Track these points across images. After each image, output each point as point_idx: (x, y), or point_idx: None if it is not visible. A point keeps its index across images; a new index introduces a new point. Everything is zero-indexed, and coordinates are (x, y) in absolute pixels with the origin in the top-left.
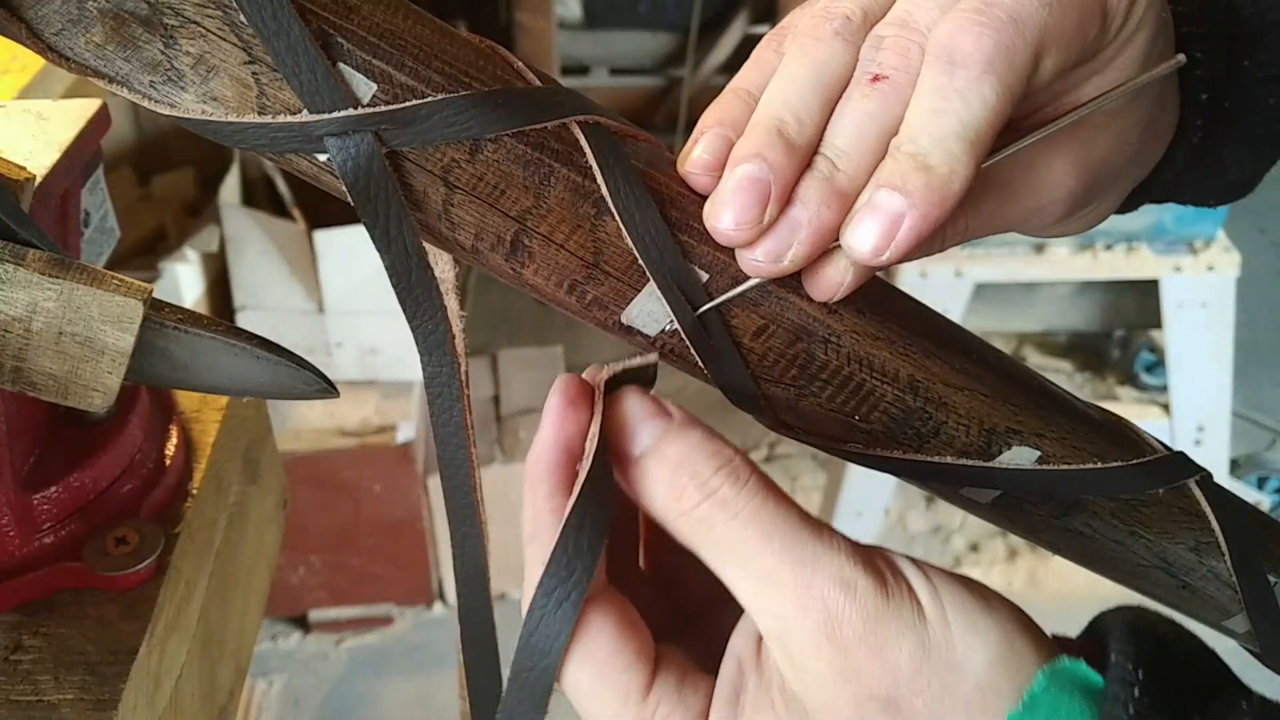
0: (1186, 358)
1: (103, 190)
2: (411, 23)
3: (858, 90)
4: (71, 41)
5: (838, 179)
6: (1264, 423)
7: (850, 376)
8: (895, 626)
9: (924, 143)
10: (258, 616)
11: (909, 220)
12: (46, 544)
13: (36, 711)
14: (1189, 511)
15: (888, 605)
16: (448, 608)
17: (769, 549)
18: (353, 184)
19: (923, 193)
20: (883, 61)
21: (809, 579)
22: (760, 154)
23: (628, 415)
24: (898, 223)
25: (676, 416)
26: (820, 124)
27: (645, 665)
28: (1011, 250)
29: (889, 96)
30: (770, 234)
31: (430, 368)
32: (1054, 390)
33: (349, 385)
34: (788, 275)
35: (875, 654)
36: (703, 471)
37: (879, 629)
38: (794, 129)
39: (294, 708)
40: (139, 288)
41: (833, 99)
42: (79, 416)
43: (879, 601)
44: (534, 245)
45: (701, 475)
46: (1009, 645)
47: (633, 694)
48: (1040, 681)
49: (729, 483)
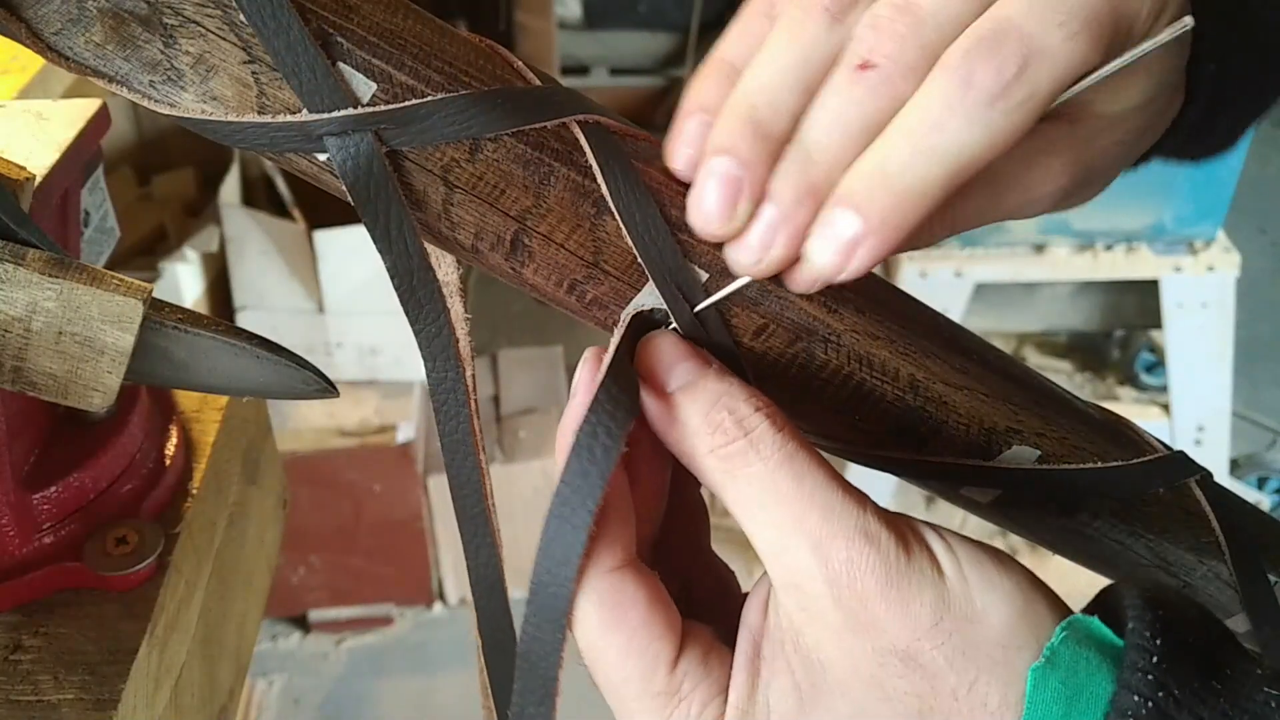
0: (1186, 358)
1: (103, 190)
2: (411, 22)
3: (842, 77)
4: (71, 41)
5: (811, 174)
6: (1264, 423)
7: (850, 376)
8: (916, 580)
9: (901, 158)
10: (258, 616)
11: (866, 245)
12: (46, 544)
13: (36, 711)
14: (1189, 511)
15: (909, 561)
16: (448, 608)
17: (798, 493)
18: (353, 184)
19: (882, 217)
20: (874, 47)
21: (834, 527)
22: (731, 148)
23: (666, 351)
24: (855, 245)
25: (714, 363)
26: (799, 110)
27: (674, 638)
28: (1012, 250)
29: (876, 89)
30: (748, 233)
31: (435, 373)
32: (1054, 390)
33: (349, 385)
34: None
35: (895, 607)
36: (741, 409)
37: (899, 582)
38: (769, 117)
39: (294, 708)
40: (139, 287)
41: (815, 83)
42: (79, 416)
43: (900, 556)
44: (534, 244)
45: (740, 412)
46: (1026, 603)
47: (661, 665)
48: (1059, 635)
49: (767, 424)
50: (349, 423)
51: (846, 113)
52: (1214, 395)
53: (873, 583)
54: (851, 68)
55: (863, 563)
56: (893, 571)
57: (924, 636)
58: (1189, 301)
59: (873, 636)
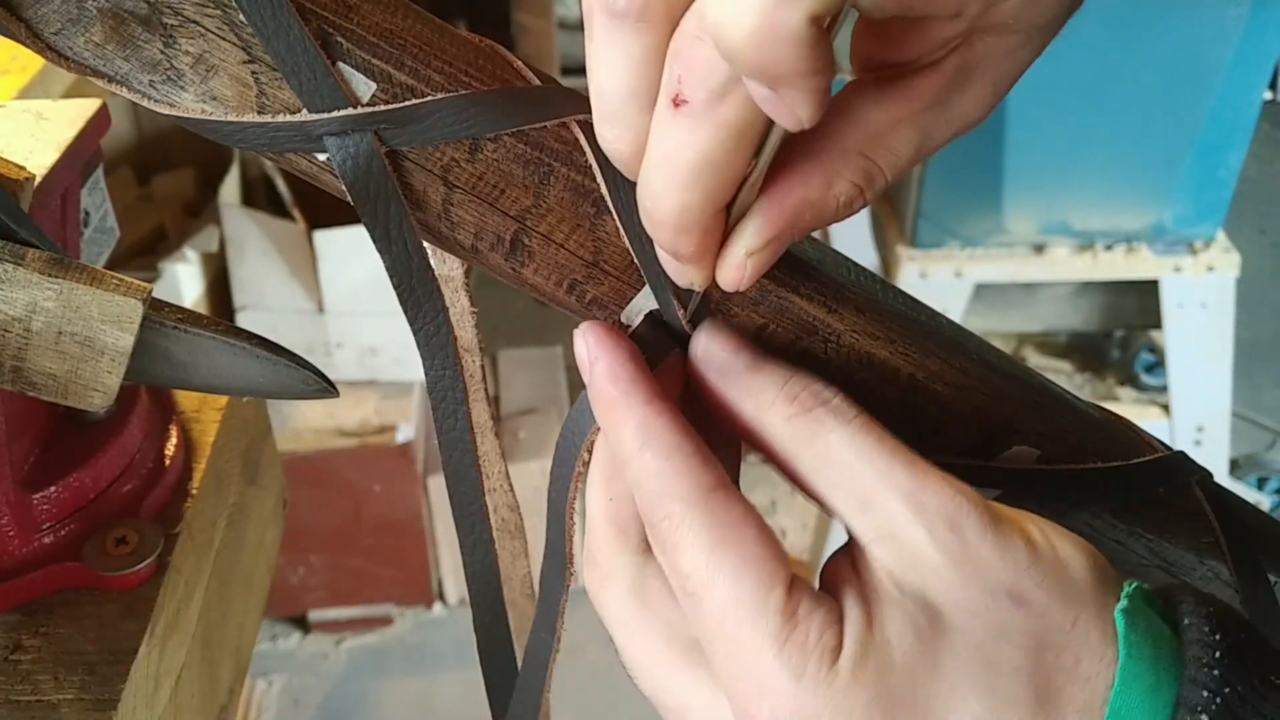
0: (1186, 358)
1: (103, 190)
2: (411, 22)
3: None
4: (71, 41)
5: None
6: (1264, 423)
7: (850, 376)
8: (1005, 526)
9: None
10: (258, 616)
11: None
12: (46, 544)
13: (36, 711)
14: (1189, 511)
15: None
16: (447, 608)
17: (881, 451)
18: (352, 183)
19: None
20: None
21: (921, 482)
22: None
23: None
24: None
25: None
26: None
27: (786, 562)
28: (1011, 250)
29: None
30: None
31: (433, 371)
32: (1054, 390)
33: (349, 385)
34: (785, 275)
35: (994, 547)
36: (816, 383)
37: (993, 525)
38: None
39: (294, 708)
40: (139, 287)
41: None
42: (79, 416)
43: (985, 504)
44: (534, 244)
45: (814, 387)
46: (1092, 555)
47: (779, 583)
48: (1129, 587)
49: (842, 398)
50: (349, 423)
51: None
52: (1214, 395)
53: (969, 525)
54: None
55: (955, 508)
56: (985, 516)
57: (1024, 575)
58: (1189, 302)
59: (980, 577)
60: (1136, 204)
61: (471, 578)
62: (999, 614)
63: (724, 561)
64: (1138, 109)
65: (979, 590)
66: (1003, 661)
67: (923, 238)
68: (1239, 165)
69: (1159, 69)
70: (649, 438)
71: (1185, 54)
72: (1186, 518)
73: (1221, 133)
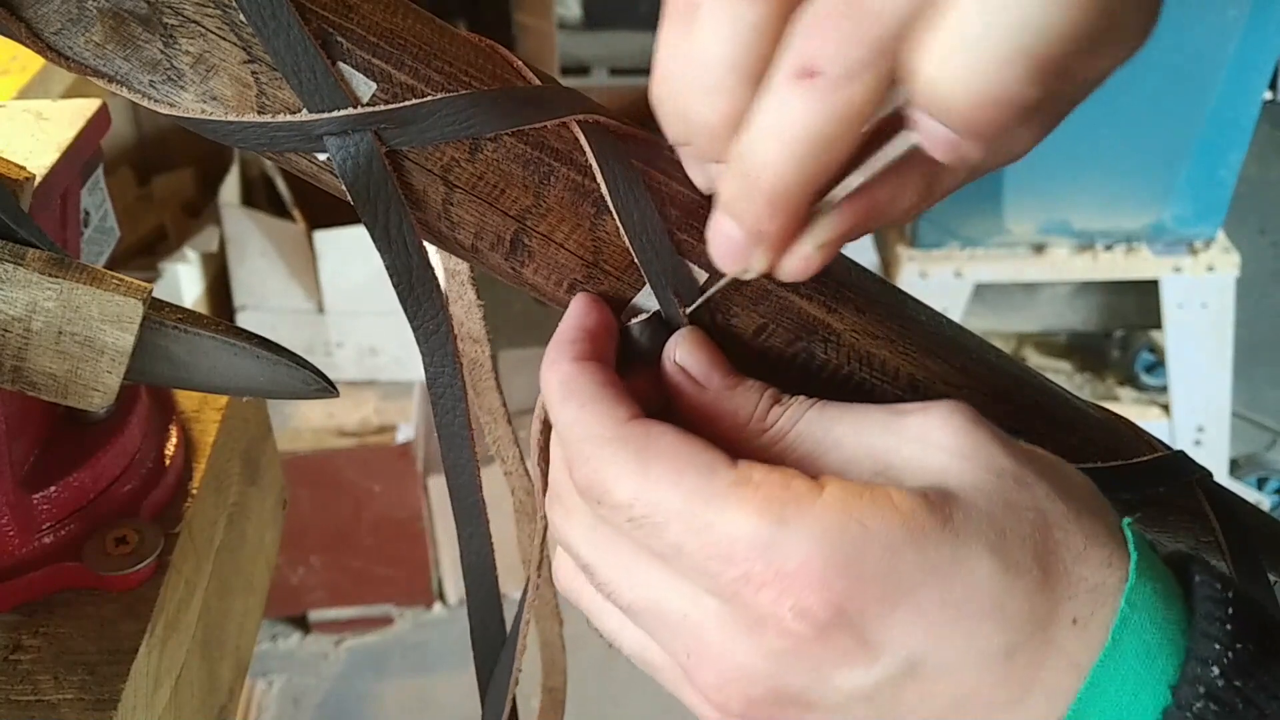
0: (1186, 358)
1: (103, 190)
2: (411, 22)
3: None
4: (71, 41)
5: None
6: (1264, 423)
7: (850, 376)
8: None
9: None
10: (258, 616)
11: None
12: (46, 544)
13: (36, 711)
14: (1189, 511)
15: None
16: (447, 608)
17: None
18: (352, 183)
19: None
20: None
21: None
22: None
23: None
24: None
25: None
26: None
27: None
28: (1011, 250)
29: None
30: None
31: (432, 368)
32: (1054, 389)
33: (349, 385)
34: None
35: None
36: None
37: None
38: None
39: (294, 708)
40: (139, 287)
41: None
42: (79, 416)
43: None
44: (534, 244)
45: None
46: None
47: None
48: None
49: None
50: (349, 423)
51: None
52: (1214, 395)
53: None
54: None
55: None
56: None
57: (1025, 465)
58: (1189, 302)
59: (982, 456)
60: (1136, 204)
61: (468, 569)
62: (1004, 491)
63: (659, 473)
64: (1138, 109)
65: (984, 467)
66: (1010, 530)
67: (923, 238)
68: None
69: (1159, 69)
70: (570, 391)
71: (1185, 54)
72: (1186, 517)
73: (1221, 133)
